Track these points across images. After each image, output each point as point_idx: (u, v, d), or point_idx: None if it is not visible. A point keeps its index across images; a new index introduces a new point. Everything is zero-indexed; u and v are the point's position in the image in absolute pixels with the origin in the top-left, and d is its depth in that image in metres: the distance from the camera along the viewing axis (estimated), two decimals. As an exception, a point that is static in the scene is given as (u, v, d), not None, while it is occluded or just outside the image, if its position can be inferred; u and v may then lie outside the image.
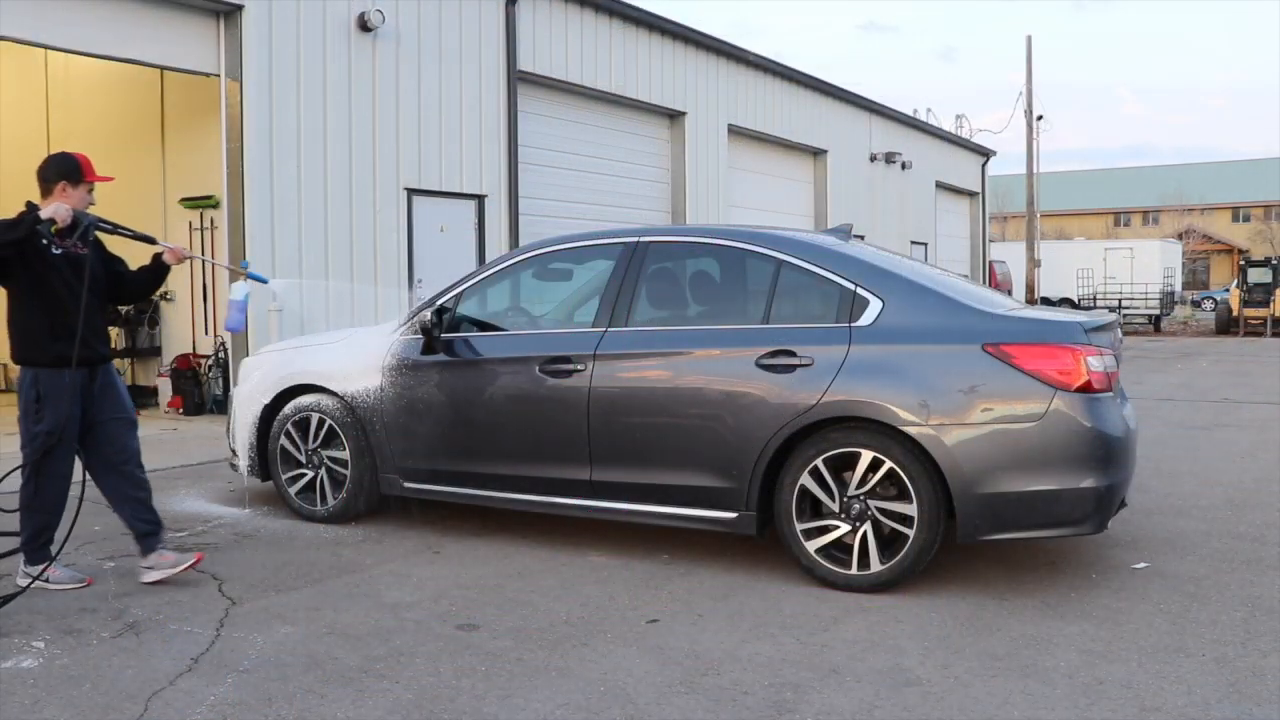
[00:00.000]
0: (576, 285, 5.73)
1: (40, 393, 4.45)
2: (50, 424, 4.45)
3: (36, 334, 4.44)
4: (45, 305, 4.45)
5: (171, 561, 4.69)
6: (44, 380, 4.45)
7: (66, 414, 4.47)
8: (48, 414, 4.45)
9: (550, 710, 3.36)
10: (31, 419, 4.48)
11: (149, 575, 4.68)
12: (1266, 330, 27.28)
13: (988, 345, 4.45)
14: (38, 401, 4.45)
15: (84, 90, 12.36)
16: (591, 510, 5.13)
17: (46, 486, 4.54)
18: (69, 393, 4.45)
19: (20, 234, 4.28)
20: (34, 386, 4.45)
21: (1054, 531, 4.45)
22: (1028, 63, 29.67)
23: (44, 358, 4.44)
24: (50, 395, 4.45)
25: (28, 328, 4.48)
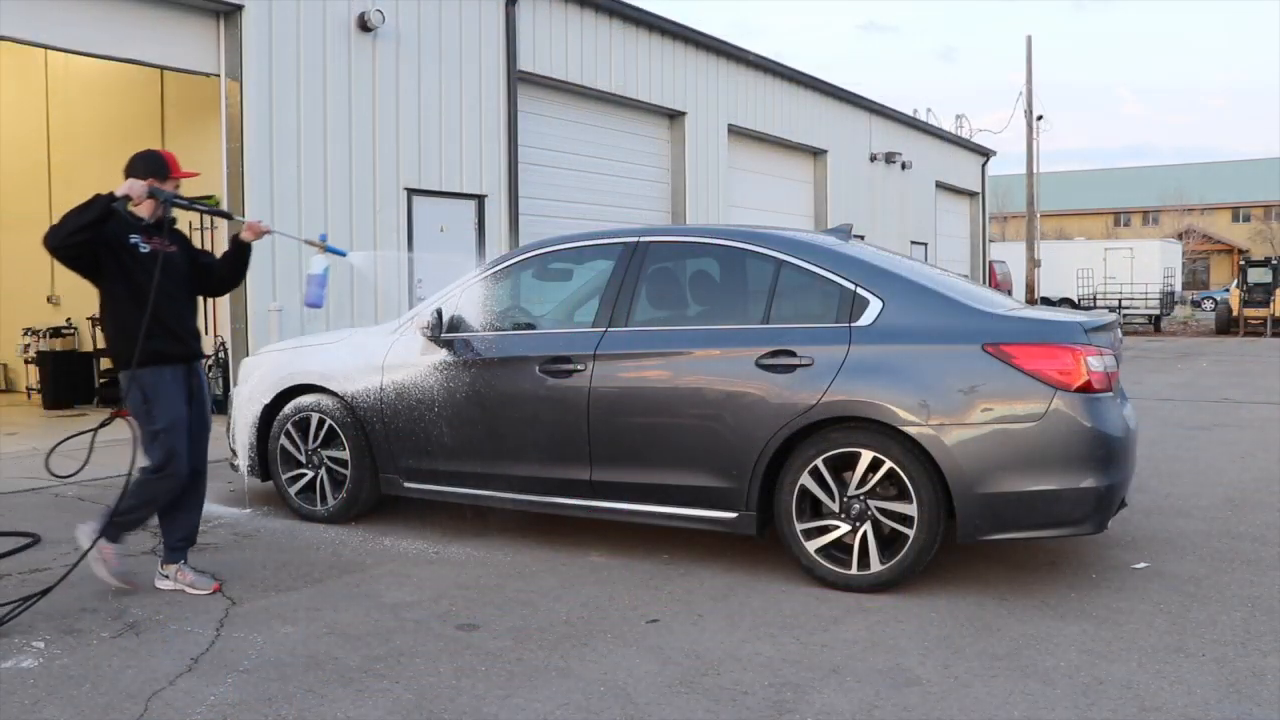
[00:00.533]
0: (577, 285, 5.73)
1: (145, 393, 4.40)
2: (165, 420, 4.42)
3: (133, 333, 4.34)
4: (139, 303, 4.35)
5: (190, 581, 4.63)
6: (145, 379, 4.39)
7: (178, 409, 4.47)
8: (159, 410, 4.41)
9: (550, 710, 3.36)
10: (145, 420, 4.43)
11: (163, 583, 4.66)
12: (1266, 330, 27.28)
13: (988, 345, 4.45)
14: (145, 401, 4.40)
15: (84, 90, 12.37)
16: (591, 510, 5.13)
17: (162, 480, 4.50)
18: (175, 387, 4.45)
19: (94, 214, 4.18)
20: (137, 387, 4.39)
21: (1054, 531, 4.45)
22: (1028, 63, 29.67)
23: (141, 356, 4.34)
24: (156, 393, 4.41)
25: (124, 327, 4.40)
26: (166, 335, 4.43)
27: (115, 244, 4.37)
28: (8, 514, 6.18)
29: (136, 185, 4.30)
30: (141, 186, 4.31)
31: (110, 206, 4.20)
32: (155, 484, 4.50)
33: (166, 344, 4.44)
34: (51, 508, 6.37)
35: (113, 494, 6.74)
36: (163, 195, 4.41)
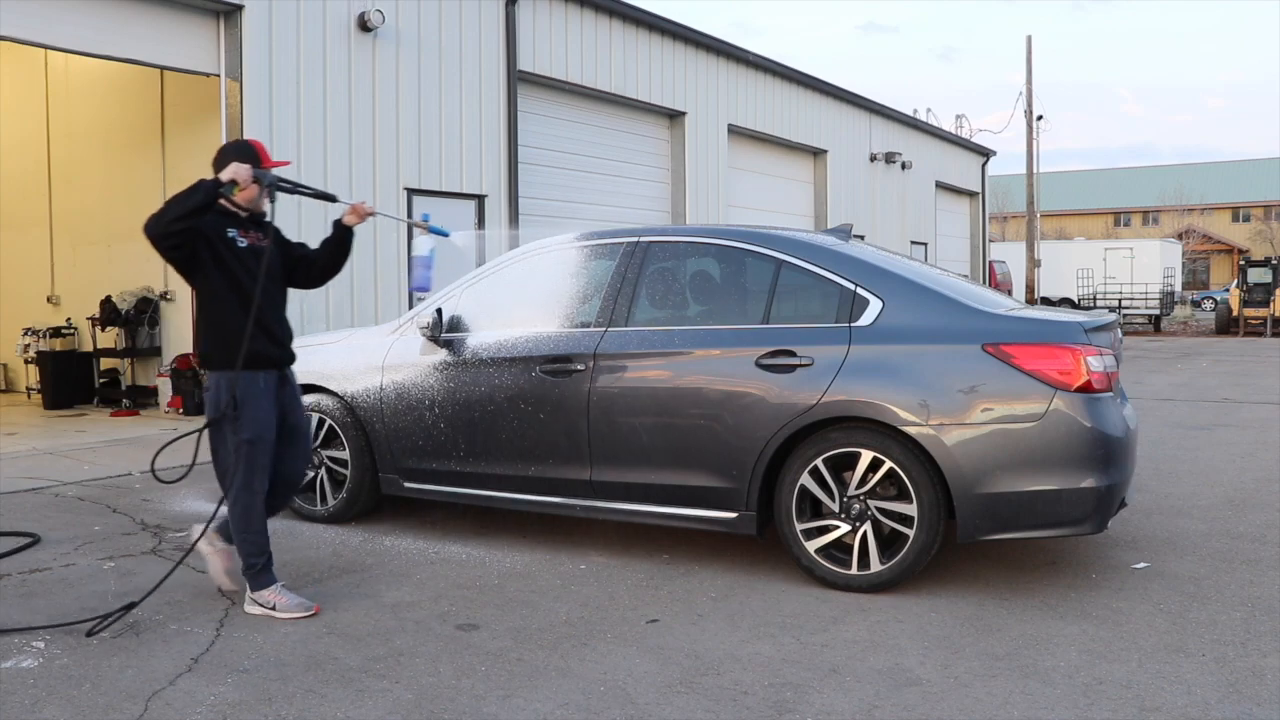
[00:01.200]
0: (577, 285, 5.72)
1: (236, 398, 4.12)
2: (253, 431, 4.15)
3: (229, 334, 4.11)
4: (236, 303, 4.14)
5: (287, 604, 4.26)
6: (239, 384, 4.12)
7: (266, 419, 4.19)
8: (246, 420, 4.14)
9: (550, 710, 3.36)
10: (231, 428, 4.16)
11: (253, 609, 4.29)
12: (1266, 330, 27.28)
13: (988, 345, 4.45)
14: (235, 408, 4.12)
15: (84, 90, 12.37)
16: (591, 510, 5.13)
17: (253, 504, 4.25)
18: (267, 398, 4.19)
19: (199, 200, 3.97)
20: (228, 391, 4.12)
21: (1054, 531, 4.44)
22: (1028, 63, 29.67)
23: (237, 359, 4.09)
24: (247, 399, 4.14)
25: (219, 328, 4.15)
26: (265, 337, 4.19)
27: (213, 236, 4.14)
28: (8, 514, 6.18)
29: (241, 169, 4.08)
30: (246, 170, 4.09)
31: (216, 191, 4.00)
32: (253, 502, 4.26)
33: (265, 346, 4.19)
34: (51, 508, 6.37)
35: (113, 493, 6.75)
36: (267, 179, 4.18)
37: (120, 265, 11.93)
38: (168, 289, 11.65)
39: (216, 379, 4.16)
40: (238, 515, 4.25)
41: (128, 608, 4.13)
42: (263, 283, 4.17)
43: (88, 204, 12.30)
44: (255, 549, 4.27)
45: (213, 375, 4.19)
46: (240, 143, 4.38)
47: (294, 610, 4.24)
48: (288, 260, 4.45)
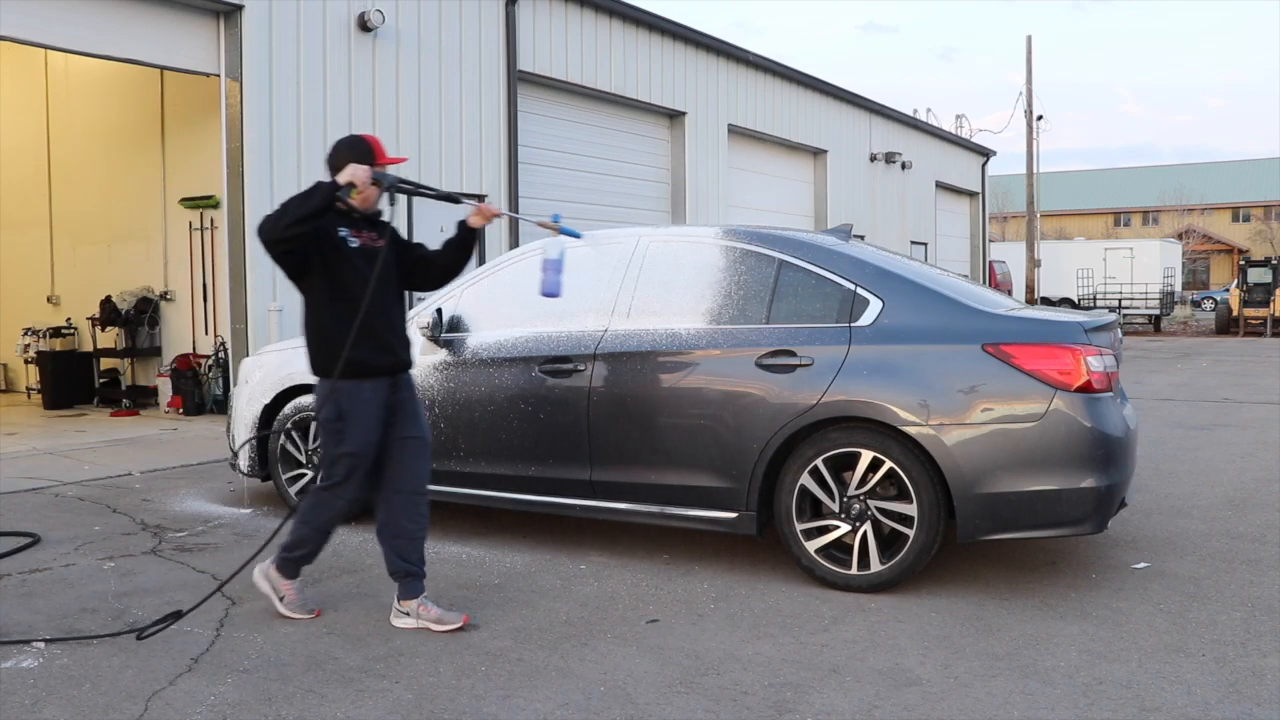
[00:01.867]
0: (576, 285, 5.72)
1: (341, 408, 3.95)
2: (355, 444, 3.96)
3: (336, 341, 3.90)
4: (345, 308, 3.92)
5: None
6: (344, 394, 3.94)
7: (372, 433, 4.00)
8: (351, 433, 3.95)
9: (550, 710, 3.36)
10: (333, 438, 3.99)
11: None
12: (1266, 330, 27.28)
13: (988, 345, 4.45)
14: (339, 419, 3.95)
15: (84, 90, 12.37)
16: (591, 510, 5.13)
17: (328, 506, 4.09)
18: (373, 407, 3.99)
19: (317, 204, 3.77)
20: (334, 402, 3.95)
21: (1054, 531, 4.44)
22: (1028, 63, 29.67)
23: (344, 368, 3.90)
24: (353, 411, 3.94)
25: (327, 334, 3.96)
26: (373, 344, 3.96)
27: (324, 237, 3.93)
28: (8, 514, 6.18)
29: (360, 171, 3.87)
30: (365, 172, 3.88)
31: (334, 195, 3.82)
32: (329, 504, 4.08)
33: (372, 354, 3.96)
34: (51, 508, 6.37)
35: (113, 493, 6.75)
36: (387, 180, 3.94)
37: (120, 265, 11.94)
38: (168, 289, 11.66)
39: (322, 387, 4.01)
40: (309, 504, 4.12)
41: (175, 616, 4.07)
42: (374, 286, 3.93)
43: (88, 204, 12.31)
44: (304, 543, 4.15)
45: (320, 383, 4.03)
46: (355, 139, 4.12)
47: (296, 610, 4.19)
48: (405, 261, 4.21)
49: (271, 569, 4.23)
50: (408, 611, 4.10)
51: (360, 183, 3.87)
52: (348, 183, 3.86)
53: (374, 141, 4.09)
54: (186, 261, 11.41)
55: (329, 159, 4.07)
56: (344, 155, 4.00)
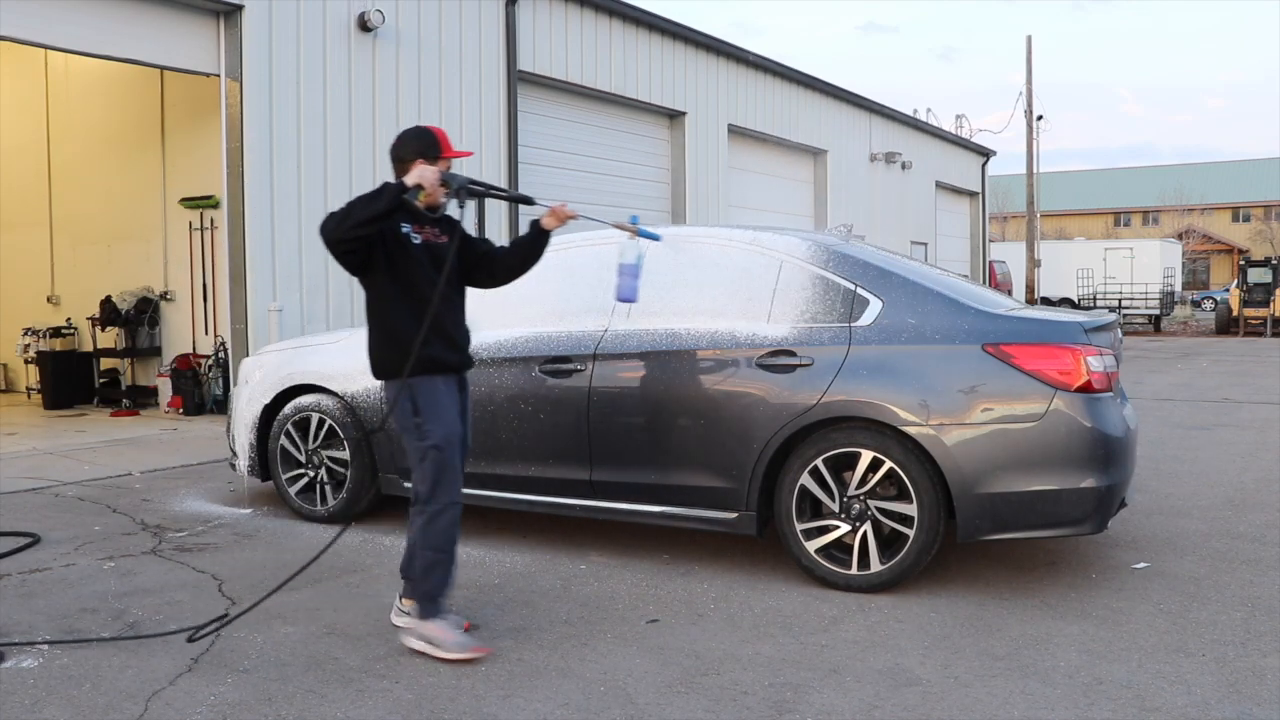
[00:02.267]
0: (576, 284, 5.72)
1: (418, 403, 3.80)
2: (439, 435, 3.78)
3: (405, 339, 3.76)
4: (414, 306, 3.79)
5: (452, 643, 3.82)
6: (419, 389, 3.80)
7: (454, 424, 3.84)
8: (431, 424, 3.77)
9: (550, 710, 3.36)
10: (415, 436, 3.80)
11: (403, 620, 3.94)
12: (1266, 330, 27.28)
13: (988, 345, 4.45)
14: (416, 414, 3.79)
15: (84, 90, 12.37)
16: (591, 510, 5.13)
17: (438, 517, 3.83)
18: (449, 398, 3.85)
19: (385, 205, 3.60)
20: (408, 397, 3.80)
21: (1054, 531, 4.44)
22: (1028, 63, 29.67)
23: (416, 365, 3.77)
24: (429, 404, 3.80)
25: (395, 332, 3.81)
26: (443, 341, 3.85)
27: (387, 234, 3.79)
28: (8, 514, 6.18)
29: (429, 172, 3.70)
30: (434, 173, 3.71)
31: (400, 198, 3.64)
32: (437, 522, 3.83)
33: (443, 351, 3.85)
34: (51, 508, 6.38)
35: (113, 493, 6.75)
36: (457, 182, 3.77)
37: (120, 265, 11.94)
38: (168, 289, 11.66)
39: (393, 389, 3.85)
40: (420, 526, 3.84)
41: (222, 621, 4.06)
42: (435, 282, 3.82)
43: (88, 204, 12.31)
44: (432, 570, 3.85)
45: (389, 385, 3.89)
46: (421, 130, 3.95)
47: (458, 651, 3.77)
48: (468, 258, 4.05)
49: (415, 621, 3.87)
50: (409, 611, 3.99)
51: (429, 185, 3.70)
52: (415, 185, 3.68)
53: (440, 134, 3.93)
54: (186, 261, 11.41)
55: (394, 150, 3.91)
56: (410, 147, 3.87)
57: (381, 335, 3.87)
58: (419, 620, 3.86)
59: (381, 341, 3.87)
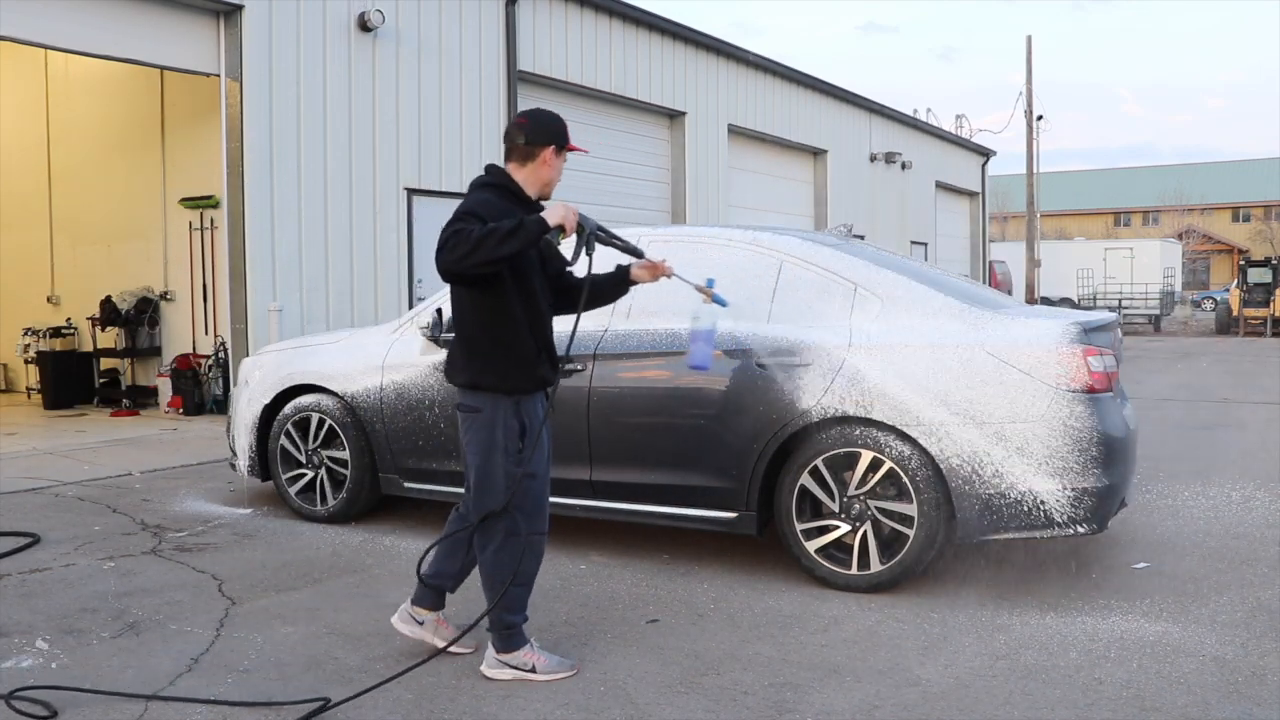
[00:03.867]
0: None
1: (524, 423, 3.55)
2: (537, 464, 3.57)
3: (526, 354, 3.54)
4: (528, 322, 3.56)
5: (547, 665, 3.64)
6: (527, 409, 3.57)
7: (546, 450, 3.65)
8: (532, 451, 3.55)
9: (550, 710, 3.36)
10: (511, 458, 3.52)
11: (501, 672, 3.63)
12: (1266, 330, 27.28)
13: (988, 345, 4.45)
14: (522, 436, 3.54)
15: (84, 90, 12.36)
16: (591, 510, 5.13)
17: (512, 546, 3.55)
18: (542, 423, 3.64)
19: (521, 245, 3.30)
20: (516, 416, 3.53)
21: (1054, 531, 4.44)
22: (1028, 63, 29.67)
23: (529, 382, 3.56)
24: (534, 427, 3.57)
25: (514, 346, 3.53)
26: (550, 360, 3.67)
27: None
28: (8, 514, 6.18)
29: (571, 216, 3.40)
30: (574, 217, 3.42)
31: (539, 238, 3.35)
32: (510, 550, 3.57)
33: (549, 371, 3.65)
34: (51, 508, 6.37)
35: (113, 493, 6.75)
36: (590, 225, 3.50)
37: (120, 265, 11.93)
38: (168, 289, 11.66)
39: (497, 404, 3.53)
40: (505, 561, 3.56)
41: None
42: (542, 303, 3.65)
43: (88, 204, 12.30)
44: (518, 605, 3.63)
45: (492, 400, 3.53)
46: (552, 115, 3.69)
47: (556, 671, 3.62)
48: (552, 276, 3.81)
49: (498, 653, 3.64)
50: (422, 621, 3.85)
51: (570, 227, 3.41)
52: (558, 225, 3.37)
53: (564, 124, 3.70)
54: (186, 261, 11.40)
55: (526, 130, 3.58)
56: (546, 131, 3.59)
57: (502, 349, 3.53)
58: (503, 653, 3.62)
59: (501, 356, 3.53)
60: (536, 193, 3.62)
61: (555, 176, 3.66)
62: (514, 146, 3.60)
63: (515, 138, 3.60)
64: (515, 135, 3.60)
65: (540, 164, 3.60)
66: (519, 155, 3.60)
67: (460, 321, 3.61)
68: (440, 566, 3.83)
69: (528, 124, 3.62)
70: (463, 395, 3.61)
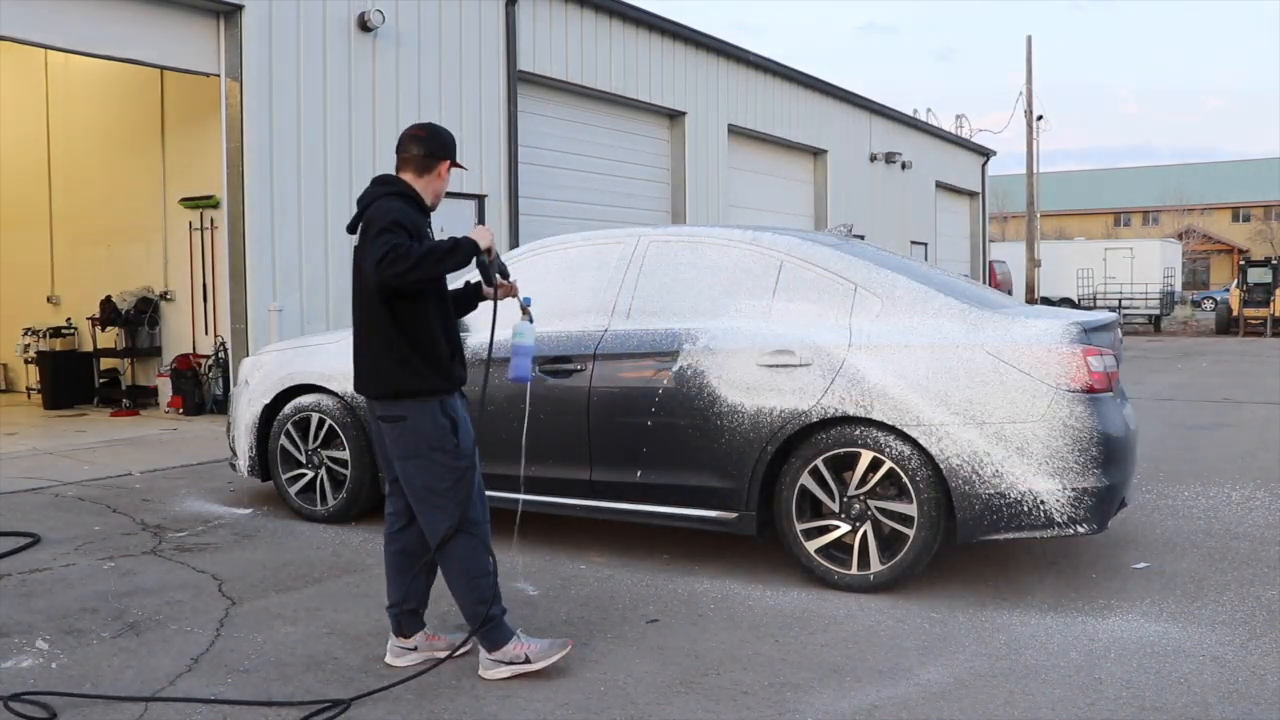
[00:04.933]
0: (576, 284, 5.72)
1: (454, 418, 3.63)
2: (466, 452, 3.63)
3: (442, 357, 3.62)
4: (445, 325, 3.68)
5: (540, 651, 3.66)
6: (451, 406, 3.65)
7: (474, 435, 3.72)
8: (463, 439, 3.63)
9: (550, 710, 3.36)
10: (451, 454, 3.59)
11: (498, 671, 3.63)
12: (1266, 330, 27.27)
13: (988, 345, 4.45)
14: (454, 430, 3.61)
15: (84, 90, 12.36)
16: (591, 510, 5.13)
17: (483, 535, 3.67)
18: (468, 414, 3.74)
19: (455, 264, 3.50)
20: (443, 414, 3.61)
21: (1054, 531, 4.44)
22: (1028, 63, 29.67)
23: (448, 382, 3.64)
24: (461, 419, 3.66)
25: (433, 351, 3.60)
26: (461, 360, 3.76)
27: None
28: (8, 514, 6.18)
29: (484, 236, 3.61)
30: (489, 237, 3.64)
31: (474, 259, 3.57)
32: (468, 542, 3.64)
33: (461, 370, 3.75)
34: (51, 508, 6.37)
35: (113, 493, 6.74)
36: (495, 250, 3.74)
37: (120, 265, 11.93)
38: (168, 289, 11.65)
39: (423, 408, 3.59)
40: (463, 556, 3.62)
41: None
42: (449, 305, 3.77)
43: (88, 204, 12.30)
44: (490, 594, 3.64)
45: (417, 405, 3.58)
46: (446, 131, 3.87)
47: (550, 653, 3.64)
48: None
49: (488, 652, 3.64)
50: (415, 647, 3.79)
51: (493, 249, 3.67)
52: (487, 248, 3.61)
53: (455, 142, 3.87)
54: (186, 261, 11.40)
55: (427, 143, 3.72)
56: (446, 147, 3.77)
57: (421, 355, 3.59)
58: (493, 650, 3.63)
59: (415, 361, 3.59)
60: (430, 203, 3.74)
61: (444, 189, 3.80)
62: (411, 157, 3.71)
63: (412, 149, 3.72)
64: (411, 146, 3.72)
65: (435, 177, 3.74)
66: (415, 166, 3.71)
67: (369, 330, 3.62)
68: (403, 592, 3.77)
69: (426, 137, 3.74)
70: (383, 406, 3.61)
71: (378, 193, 3.65)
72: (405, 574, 3.77)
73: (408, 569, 3.77)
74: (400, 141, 3.76)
